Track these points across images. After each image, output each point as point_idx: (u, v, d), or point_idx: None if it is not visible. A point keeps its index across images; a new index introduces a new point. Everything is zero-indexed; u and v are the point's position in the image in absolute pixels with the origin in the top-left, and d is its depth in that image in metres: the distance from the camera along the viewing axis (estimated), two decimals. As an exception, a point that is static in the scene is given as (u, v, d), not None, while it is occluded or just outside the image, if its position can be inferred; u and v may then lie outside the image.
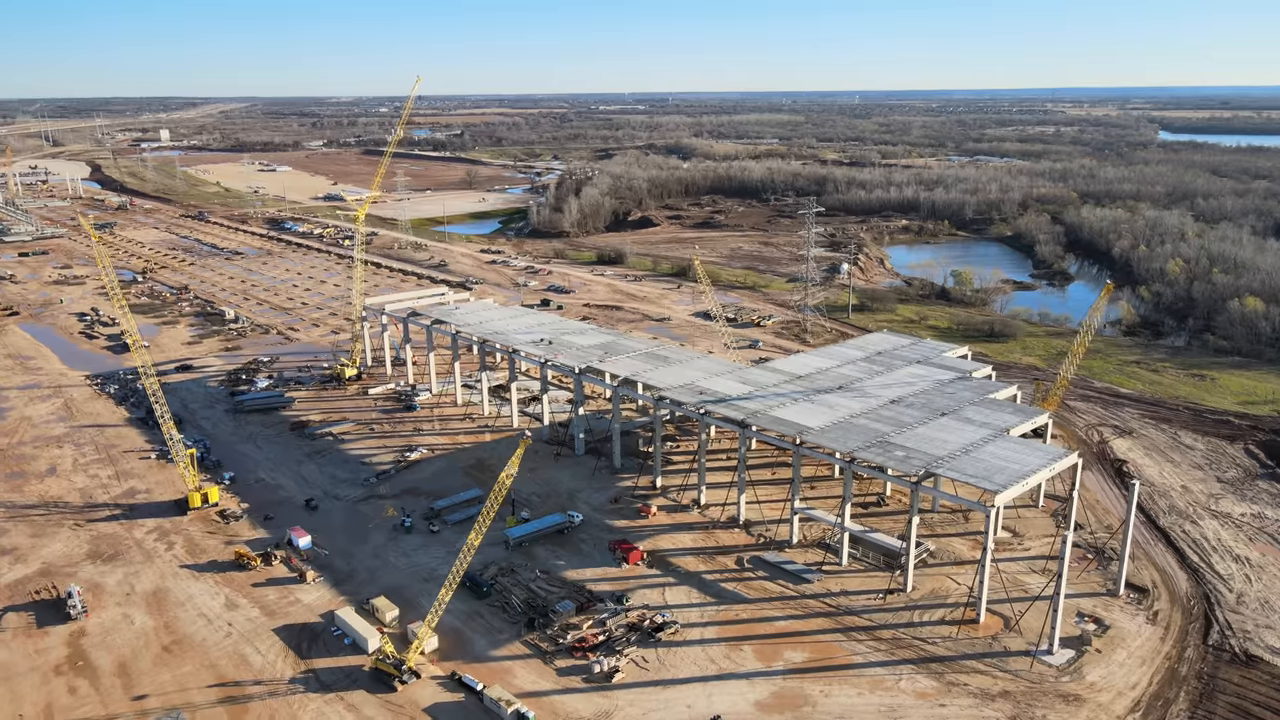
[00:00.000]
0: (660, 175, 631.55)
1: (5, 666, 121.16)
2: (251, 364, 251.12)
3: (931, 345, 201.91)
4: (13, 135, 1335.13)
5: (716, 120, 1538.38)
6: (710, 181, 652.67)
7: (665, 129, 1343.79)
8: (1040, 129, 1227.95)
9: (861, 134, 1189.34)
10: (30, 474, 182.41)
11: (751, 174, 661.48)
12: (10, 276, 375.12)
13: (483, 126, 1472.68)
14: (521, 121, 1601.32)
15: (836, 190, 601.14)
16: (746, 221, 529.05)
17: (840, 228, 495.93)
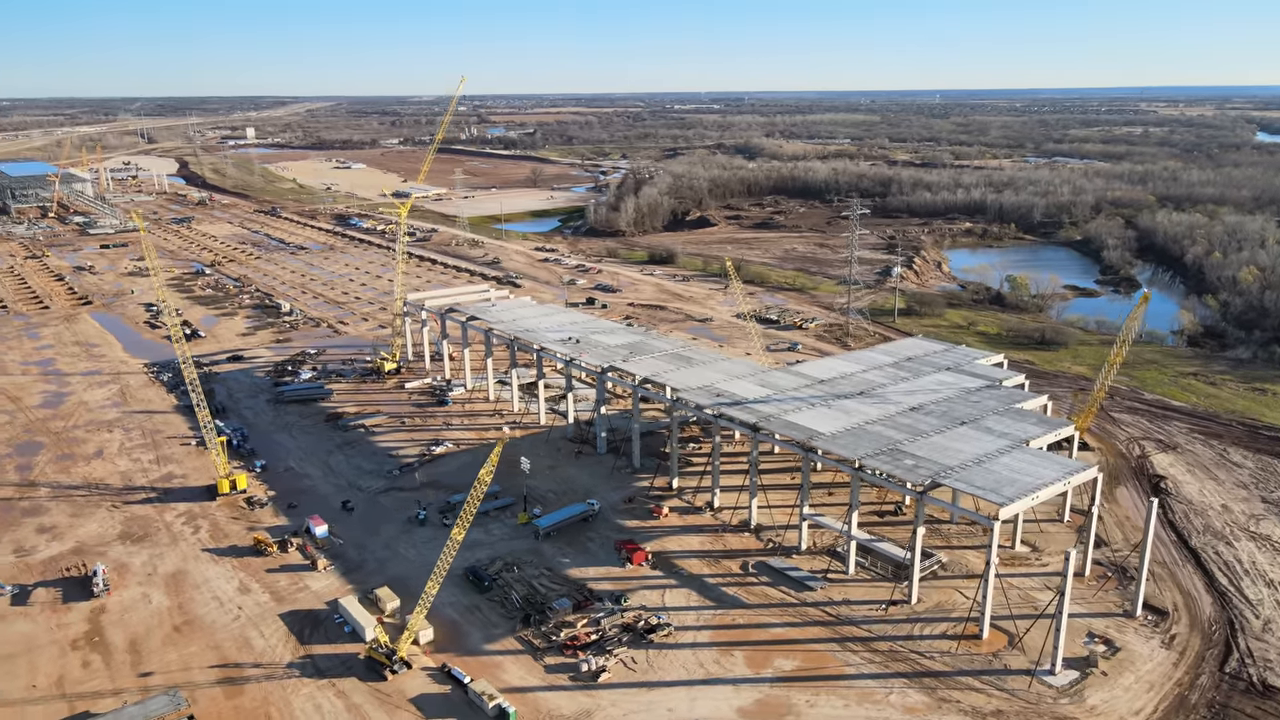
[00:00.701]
0: (722, 175, 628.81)
1: (27, 639, 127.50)
2: (298, 356, 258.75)
3: (965, 352, 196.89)
4: (111, 132, 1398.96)
5: (790, 120, 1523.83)
6: (773, 182, 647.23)
7: (737, 129, 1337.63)
8: (1127, 129, 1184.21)
9: (937, 134, 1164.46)
10: (79, 456, 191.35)
11: (816, 174, 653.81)
12: (90, 267, 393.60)
13: (555, 125, 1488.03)
14: (595, 120, 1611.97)
15: (901, 192, 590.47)
16: (805, 223, 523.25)
17: (901, 230, 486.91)
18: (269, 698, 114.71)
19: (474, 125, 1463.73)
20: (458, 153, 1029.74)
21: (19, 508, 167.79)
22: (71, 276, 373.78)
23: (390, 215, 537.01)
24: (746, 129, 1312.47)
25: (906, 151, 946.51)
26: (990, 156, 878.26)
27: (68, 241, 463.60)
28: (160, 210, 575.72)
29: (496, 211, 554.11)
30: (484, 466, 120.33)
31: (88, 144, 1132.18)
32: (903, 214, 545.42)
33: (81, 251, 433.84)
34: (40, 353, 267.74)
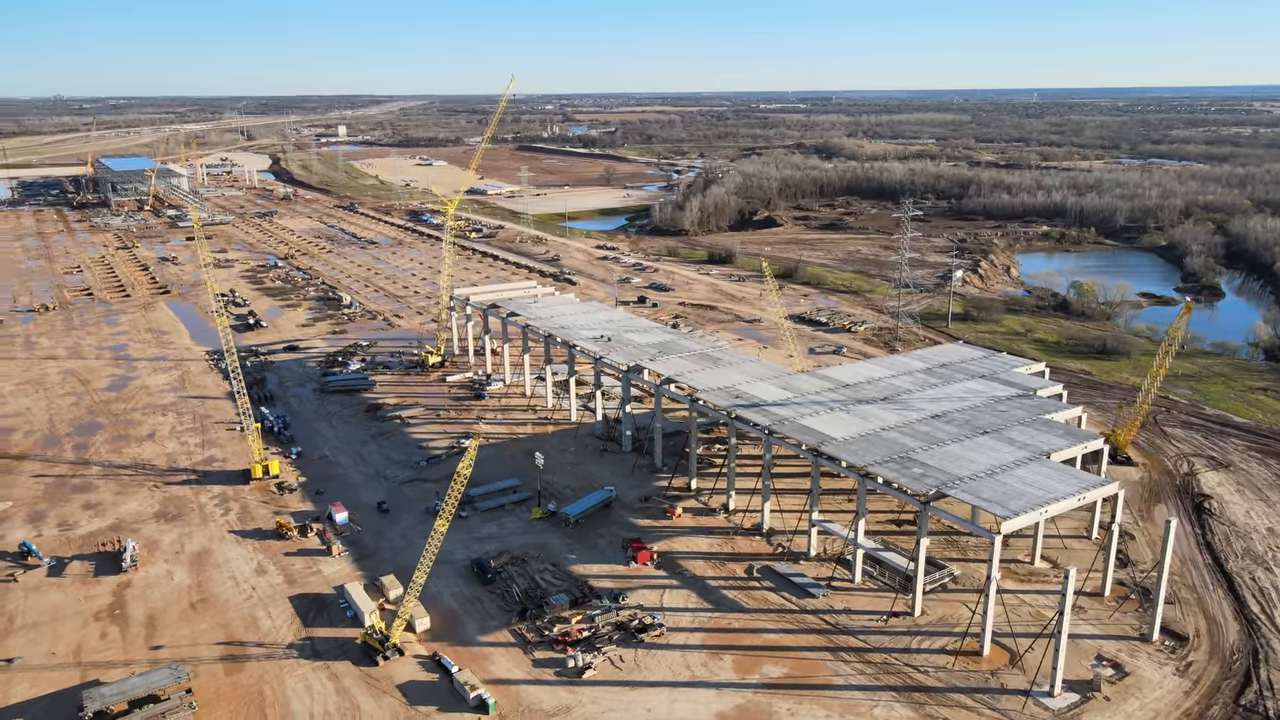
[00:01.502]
0: (794, 175, 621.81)
1: (56, 609, 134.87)
2: (350, 347, 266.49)
3: (1004, 360, 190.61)
4: (215, 130, 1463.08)
5: (875, 120, 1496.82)
6: (846, 182, 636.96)
7: (820, 128, 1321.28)
8: (1236, 130, 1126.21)
9: (1027, 134, 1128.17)
10: (132, 437, 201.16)
11: (891, 175, 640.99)
12: (173, 259, 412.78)
13: (637, 124, 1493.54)
14: (677, 119, 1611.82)
15: (979, 193, 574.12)
16: (874, 224, 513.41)
17: (973, 233, 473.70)
18: (265, 676, 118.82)
19: (556, 123, 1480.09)
20: (538, 150, 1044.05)
21: (70, 484, 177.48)
22: (155, 267, 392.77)
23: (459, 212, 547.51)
24: (829, 129, 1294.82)
25: (992, 152, 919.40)
26: (1079, 158, 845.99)
27: (158, 234, 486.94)
28: (247, 205, 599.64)
29: (563, 209, 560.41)
30: (462, 460, 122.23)
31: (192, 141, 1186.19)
32: (978, 216, 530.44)
33: (169, 243, 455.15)
34: (115, 338, 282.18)
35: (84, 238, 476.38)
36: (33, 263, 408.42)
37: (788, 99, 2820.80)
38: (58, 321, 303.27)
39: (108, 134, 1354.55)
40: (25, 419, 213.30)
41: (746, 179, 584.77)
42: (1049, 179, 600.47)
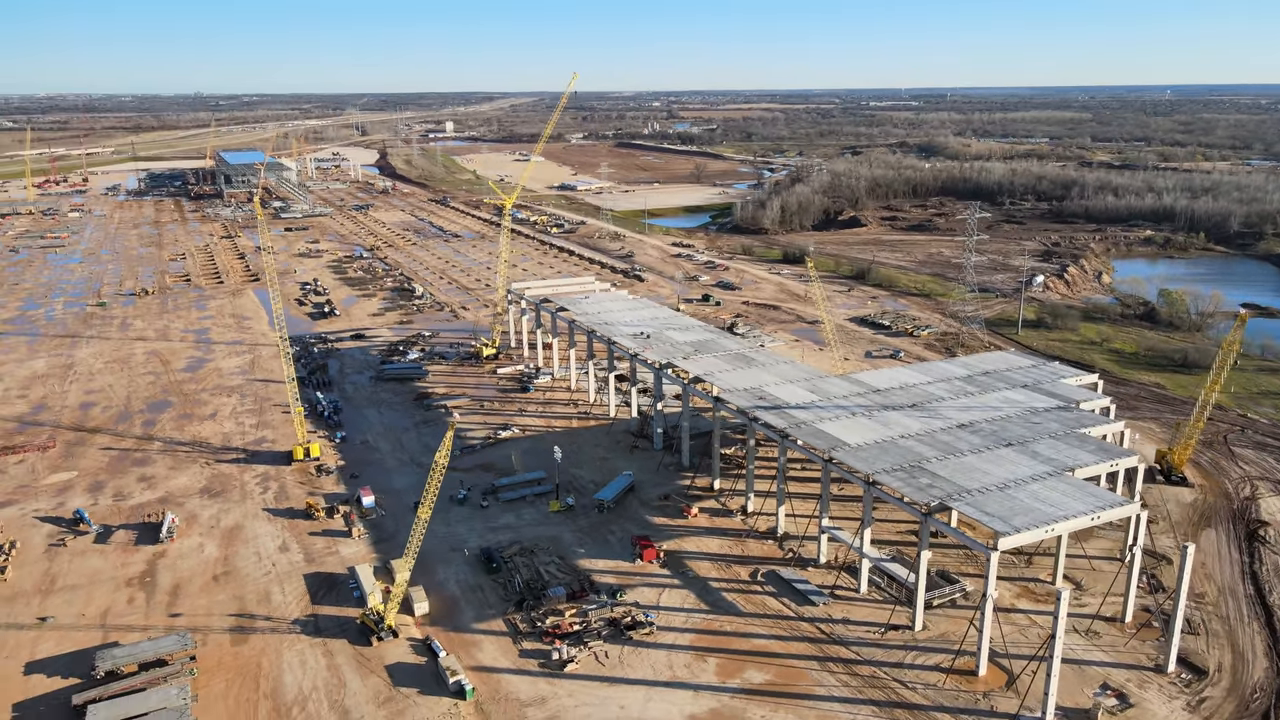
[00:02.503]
0: (886, 175, 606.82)
1: (94, 573, 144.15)
2: (413, 337, 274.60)
3: (1053, 369, 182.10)
4: (333, 125, 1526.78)
5: (987, 118, 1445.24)
6: (941, 182, 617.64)
7: (927, 126, 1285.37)
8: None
9: (1150, 133, 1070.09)
10: (196, 416, 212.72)
11: (990, 176, 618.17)
12: (269, 248, 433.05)
13: (740, 122, 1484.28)
14: (781, 117, 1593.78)
15: (1082, 195, 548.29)
16: (964, 226, 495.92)
17: (1070, 236, 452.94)
18: (266, 649, 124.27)
19: (658, 120, 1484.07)
20: (635, 147, 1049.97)
21: (132, 458, 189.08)
22: (251, 255, 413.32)
23: (544, 208, 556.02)
24: (937, 127, 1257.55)
25: (1108, 152, 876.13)
26: (1202, 158, 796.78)
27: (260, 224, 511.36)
28: (347, 197, 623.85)
29: (653, 206, 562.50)
30: (440, 450, 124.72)
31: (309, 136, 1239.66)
32: (1079, 219, 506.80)
33: (268, 233, 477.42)
34: (200, 322, 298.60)
35: (194, 227, 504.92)
36: (144, 249, 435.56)
37: (899, 96, 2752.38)
38: (154, 305, 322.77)
39: (235, 129, 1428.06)
40: (106, 395, 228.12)
41: (835, 178, 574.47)
42: (1161, 180, 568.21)
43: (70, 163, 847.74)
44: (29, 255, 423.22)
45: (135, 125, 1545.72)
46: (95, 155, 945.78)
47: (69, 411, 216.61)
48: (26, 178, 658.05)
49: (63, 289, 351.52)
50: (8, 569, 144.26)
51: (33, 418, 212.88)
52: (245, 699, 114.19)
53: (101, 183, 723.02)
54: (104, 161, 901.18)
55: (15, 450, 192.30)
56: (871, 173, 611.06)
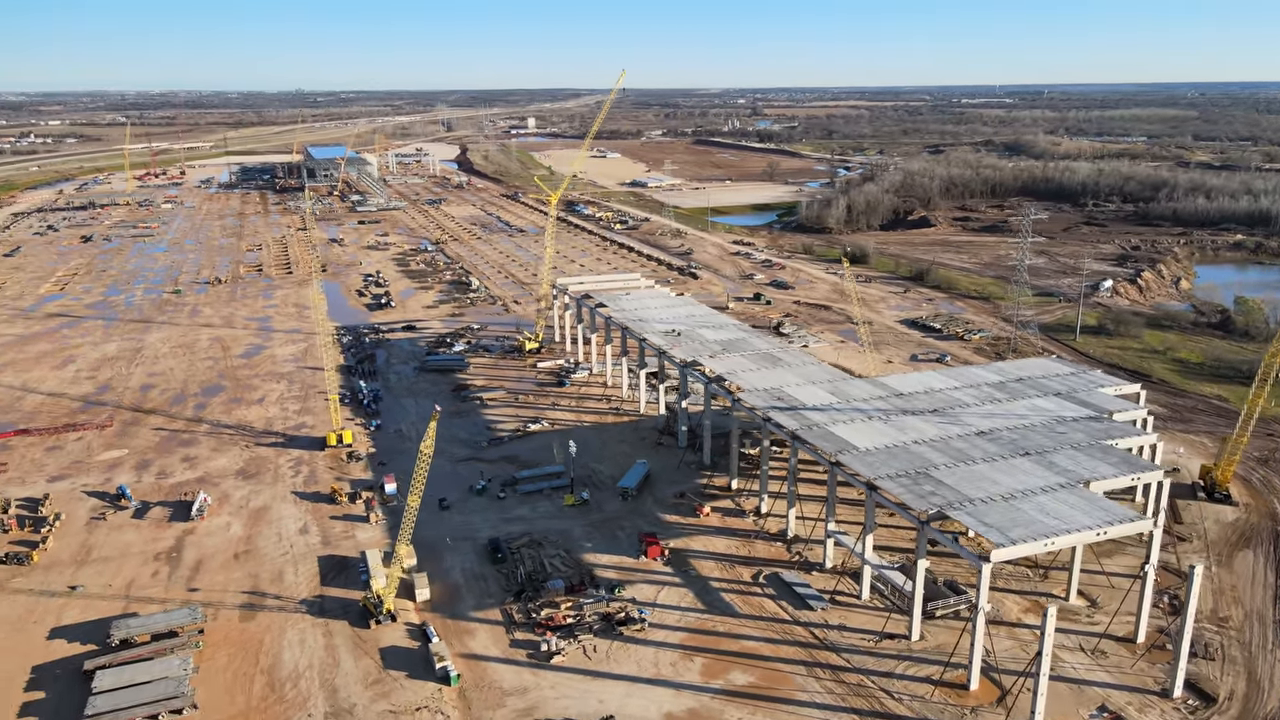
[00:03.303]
0: (963, 174, 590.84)
1: (126, 546, 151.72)
2: (462, 329, 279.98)
3: (1092, 378, 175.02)
4: (420, 121, 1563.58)
5: (1084, 116, 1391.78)
6: (1021, 183, 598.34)
7: (1018, 124, 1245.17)
8: None
9: (1260, 132, 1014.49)
10: (245, 401, 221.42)
11: (1074, 176, 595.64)
12: (340, 240, 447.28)
13: (824, 119, 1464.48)
14: (866, 114, 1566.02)
15: (1172, 197, 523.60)
16: (1042, 227, 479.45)
17: (1151, 240, 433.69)
18: (270, 626, 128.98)
19: (739, 118, 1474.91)
20: (713, 144, 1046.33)
21: (179, 439, 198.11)
22: (322, 247, 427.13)
23: (611, 204, 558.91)
24: (1029, 125, 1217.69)
25: (1209, 152, 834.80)
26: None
27: (337, 217, 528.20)
28: (423, 191, 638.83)
29: (720, 203, 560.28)
30: (424, 440, 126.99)
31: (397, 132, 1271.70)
32: (1165, 221, 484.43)
33: (343, 226, 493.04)
34: (265, 310, 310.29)
35: (274, 219, 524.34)
36: (225, 240, 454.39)
37: (994, 93, 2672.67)
38: (225, 293, 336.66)
39: (328, 124, 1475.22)
40: (166, 378, 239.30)
41: (908, 177, 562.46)
42: (1260, 182, 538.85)
43: (170, 156, 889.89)
44: (120, 244, 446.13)
45: (236, 121, 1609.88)
46: (195, 149, 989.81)
47: (130, 393, 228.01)
48: (126, 170, 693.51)
49: (144, 276, 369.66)
50: (50, 539, 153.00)
51: (97, 397, 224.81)
52: (243, 673, 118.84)
53: (196, 176, 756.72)
54: (202, 155, 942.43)
55: (76, 428, 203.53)
56: (948, 172, 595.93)
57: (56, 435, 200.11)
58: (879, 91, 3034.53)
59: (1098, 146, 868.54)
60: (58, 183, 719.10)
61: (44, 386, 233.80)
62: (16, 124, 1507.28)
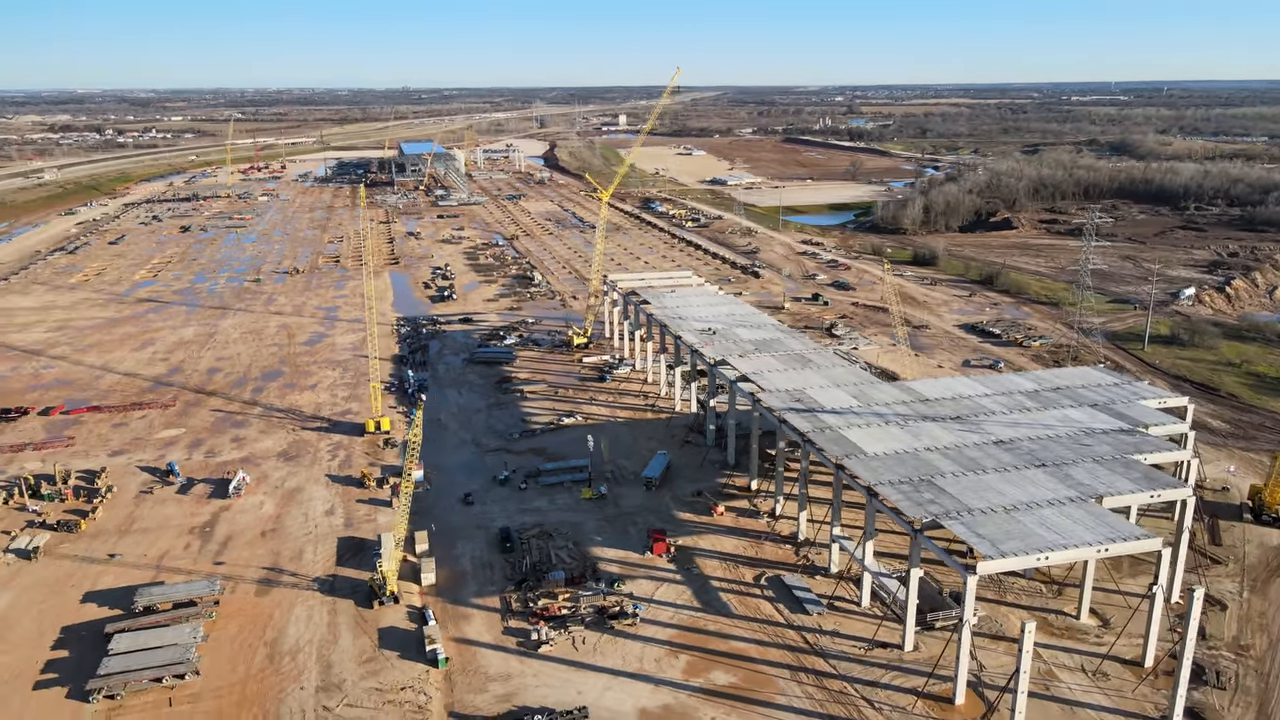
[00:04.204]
0: (1053, 175, 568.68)
1: (166, 519, 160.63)
2: (516, 323, 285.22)
3: (1135, 389, 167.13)
4: (515, 118, 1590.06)
5: (1202, 114, 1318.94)
6: (1118, 184, 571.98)
7: (1128, 123, 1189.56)
8: None
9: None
10: (299, 386, 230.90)
11: (1175, 178, 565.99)
12: (417, 233, 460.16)
13: (921, 117, 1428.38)
14: (965, 112, 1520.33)
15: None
16: (1131, 231, 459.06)
17: (1252, 246, 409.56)
18: (281, 602, 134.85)
19: (831, 116, 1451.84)
20: (802, 143, 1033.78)
21: (233, 420, 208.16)
22: (399, 240, 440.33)
23: (686, 202, 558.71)
24: (1140, 124, 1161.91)
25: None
26: None
27: (418, 211, 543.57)
28: (505, 187, 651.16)
29: (798, 203, 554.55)
30: (410, 431, 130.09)
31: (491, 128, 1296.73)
32: (1272, 227, 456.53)
33: (422, 220, 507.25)
34: (334, 300, 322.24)
35: (360, 212, 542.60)
36: (311, 232, 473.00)
37: (1109, 90, 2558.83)
38: (300, 283, 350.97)
39: (427, 121, 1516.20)
40: (232, 362, 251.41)
41: (994, 177, 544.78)
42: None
43: (273, 152, 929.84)
44: (214, 234, 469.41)
45: (341, 118, 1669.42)
46: (298, 145, 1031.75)
47: (197, 375, 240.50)
48: (228, 164, 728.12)
49: (230, 265, 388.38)
50: (99, 509, 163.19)
51: (167, 379, 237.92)
52: (248, 644, 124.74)
53: (296, 170, 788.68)
54: (304, 151, 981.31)
55: (142, 407, 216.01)
56: (1038, 172, 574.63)
57: (124, 413, 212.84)
58: (985, 89, 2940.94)
59: (1210, 147, 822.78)
60: (169, 175, 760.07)
61: (122, 367, 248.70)
62: (143, 119, 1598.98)
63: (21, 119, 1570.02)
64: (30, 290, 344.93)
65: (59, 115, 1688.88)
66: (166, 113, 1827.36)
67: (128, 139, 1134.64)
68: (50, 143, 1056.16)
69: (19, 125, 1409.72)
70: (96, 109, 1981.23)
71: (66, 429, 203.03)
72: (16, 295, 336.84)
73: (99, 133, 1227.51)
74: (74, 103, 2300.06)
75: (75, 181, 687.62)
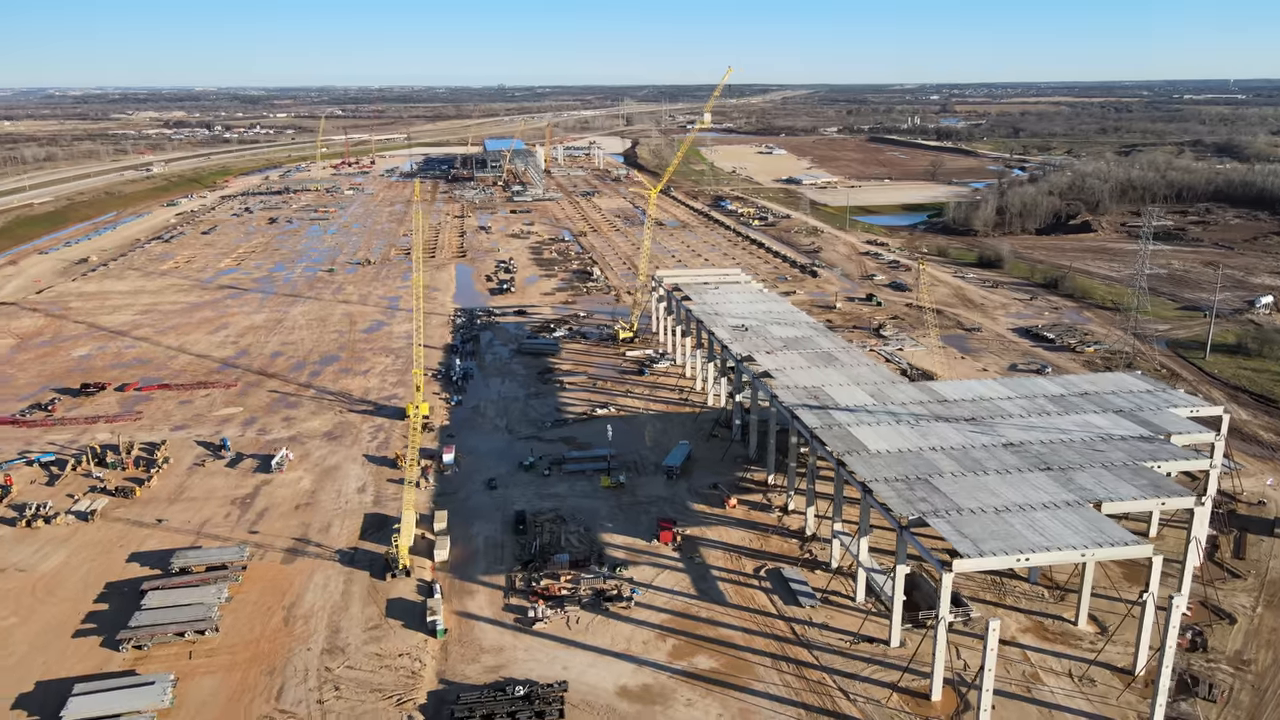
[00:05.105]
0: (1143, 176, 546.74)
1: (212, 490, 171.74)
2: (568, 317, 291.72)
3: (1167, 398, 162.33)
4: (602, 115, 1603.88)
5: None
6: (1214, 187, 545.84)
7: (1241, 123, 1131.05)
8: None
9: None
10: (353, 371, 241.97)
11: (1277, 180, 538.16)
12: (488, 228, 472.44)
13: (1016, 116, 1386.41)
14: (1066, 111, 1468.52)
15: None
16: (1221, 235, 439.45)
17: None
18: (302, 570, 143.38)
19: (919, 115, 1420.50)
20: (887, 142, 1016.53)
21: (287, 401, 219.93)
22: (470, 234, 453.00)
23: (756, 200, 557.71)
24: (1254, 124, 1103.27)
25: None
26: None
27: (493, 206, 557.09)
28: (580, 184, 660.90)
29: (870, 203, 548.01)
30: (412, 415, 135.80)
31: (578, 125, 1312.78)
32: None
33: (495, 214, 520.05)
34: (398, 291, 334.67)
35: (438, 207, 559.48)
36: (389, 225, 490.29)
37: (1227, 88, 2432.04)
38: (370, 274, 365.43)
39: (517, 118, 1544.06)
40: (295, 347, 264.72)
41: (1078, 178, 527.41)
42: None
43: (365, 148, 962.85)
44: (299, 225, 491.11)
45: (435, 114, 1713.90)
46: (389, 141, 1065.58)
47: (261, 358, 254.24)
48: (318, 159, 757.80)
49: (309, 256, 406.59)
50: (155, 479, 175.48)
51: (233, 361, 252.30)
52: (266, 606, 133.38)
53: (384, 165, 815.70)
54: (395, 147, 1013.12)
55: (206, 386, 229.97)
56: (1127, 174, 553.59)
57: (190, 391, 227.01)
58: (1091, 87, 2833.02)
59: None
60: (266, 170, 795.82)
61: (195, 348, 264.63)
62: (250, 116, 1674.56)
63: (141, 115, 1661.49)
64: (125, 275, 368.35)
65: (175, 111, 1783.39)
66: (273, 110, 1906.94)
67: (233, 134, 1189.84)
68: (163, 138, 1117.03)
69: (138, 121, 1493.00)
70: (210, 106, 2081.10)
71: (137, 404, 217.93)
72: (113, 280, 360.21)
73: (208, 129, 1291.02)
74: (190, 100, 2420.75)
75: (180, 175, 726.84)
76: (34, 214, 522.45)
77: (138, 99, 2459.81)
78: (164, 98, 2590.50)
